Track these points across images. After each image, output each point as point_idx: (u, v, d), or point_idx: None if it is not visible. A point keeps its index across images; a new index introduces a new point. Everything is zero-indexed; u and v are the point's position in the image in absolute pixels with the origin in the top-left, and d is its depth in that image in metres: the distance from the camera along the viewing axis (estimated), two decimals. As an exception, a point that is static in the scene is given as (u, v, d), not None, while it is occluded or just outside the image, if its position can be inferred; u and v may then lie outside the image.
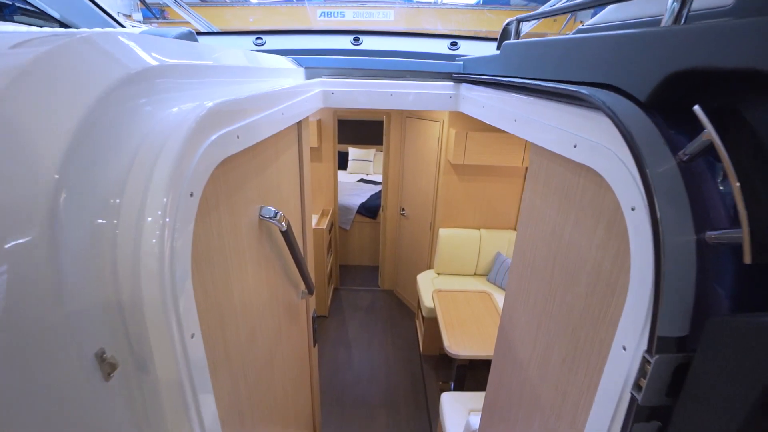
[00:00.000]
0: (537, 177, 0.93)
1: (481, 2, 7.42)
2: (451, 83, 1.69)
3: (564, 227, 0.79)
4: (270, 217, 0.94)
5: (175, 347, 0.47)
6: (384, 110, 3.79)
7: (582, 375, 0.71)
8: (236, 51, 0.98)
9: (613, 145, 0.56)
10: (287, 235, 1.03)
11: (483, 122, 1.30)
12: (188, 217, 0.49)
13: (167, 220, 0.44)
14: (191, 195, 0.50)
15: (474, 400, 2.20)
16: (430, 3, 7.81)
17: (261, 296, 0.98)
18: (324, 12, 7.49)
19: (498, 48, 1.33)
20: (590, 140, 0.63)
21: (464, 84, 1.64)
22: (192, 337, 0.50)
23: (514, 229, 3.62)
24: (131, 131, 0.46)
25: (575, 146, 0.67)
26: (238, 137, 0.66)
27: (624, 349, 0.50)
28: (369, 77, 1.70)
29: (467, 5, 7.52)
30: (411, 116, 3.64)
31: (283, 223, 0.98)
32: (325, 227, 3.57)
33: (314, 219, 4.02)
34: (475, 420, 2.01)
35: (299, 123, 1.37)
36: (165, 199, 0.44)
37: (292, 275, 1.35)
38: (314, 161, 3.99)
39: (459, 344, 2.31)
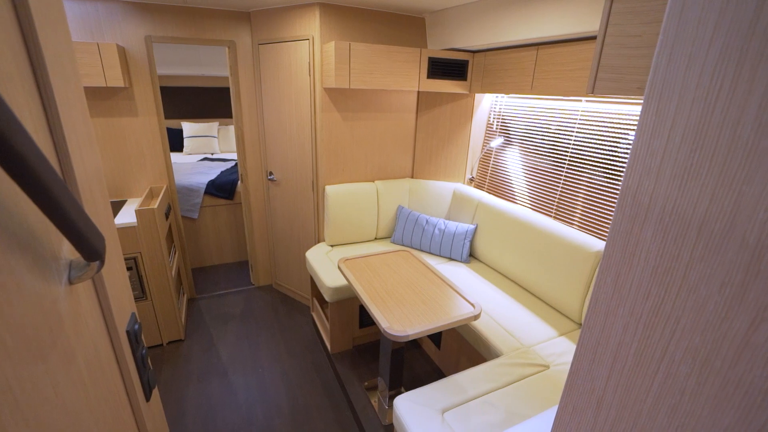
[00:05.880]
0: None
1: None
2: None
3: None
4: None
5: None
6: (227, 38, 2.71)
7: None
8: None
9: None
10: None
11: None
12: None
13: None
14: None
15: (437, 395, 1.50)
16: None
17: None
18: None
19: None
20: None
21: None
22: None
23: (412, 177, 3.06)
24: None
25: None
26: None
27: None
28: None
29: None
30: (266, 41, 2.67)
31: None
32: (156, 207, 2.35)
33: (137, 202, 2.71)
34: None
35: None
36: None
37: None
38: (125, 115, 2.65)
39: (402, 321, 1.58)
